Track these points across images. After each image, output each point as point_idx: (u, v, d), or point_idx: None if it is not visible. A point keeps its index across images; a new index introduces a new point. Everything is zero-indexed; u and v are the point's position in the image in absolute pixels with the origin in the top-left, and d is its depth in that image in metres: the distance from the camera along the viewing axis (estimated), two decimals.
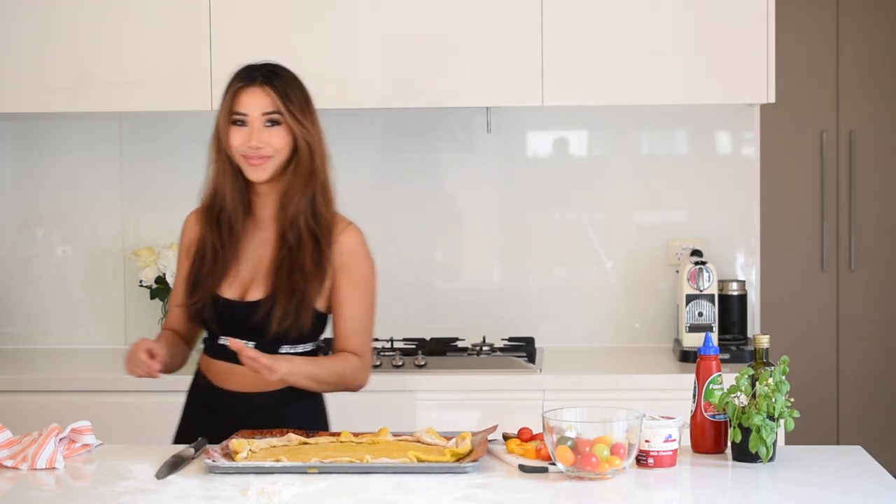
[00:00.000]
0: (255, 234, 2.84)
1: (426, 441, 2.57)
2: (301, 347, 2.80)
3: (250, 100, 2.77)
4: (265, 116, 2.76)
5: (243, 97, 2.77)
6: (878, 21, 5.40)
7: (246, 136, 2.76)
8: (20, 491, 2.37)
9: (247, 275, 2.81)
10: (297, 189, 2.78)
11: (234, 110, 2.78)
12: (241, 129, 2.77)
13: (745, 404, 2.46)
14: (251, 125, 2.76)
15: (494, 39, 3.75)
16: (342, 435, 2.61)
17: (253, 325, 2.75)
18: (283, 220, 2.79)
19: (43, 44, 3.81)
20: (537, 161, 4.14)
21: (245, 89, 2.78)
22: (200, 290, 2.80)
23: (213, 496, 2.28)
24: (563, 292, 4.12)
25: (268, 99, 2.77)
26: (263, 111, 2.76)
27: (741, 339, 3.90)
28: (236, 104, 2.78)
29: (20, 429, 2.69)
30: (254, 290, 2.79)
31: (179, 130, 4.15)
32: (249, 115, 2.76)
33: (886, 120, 5.41)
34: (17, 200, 4.21)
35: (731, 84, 3.73)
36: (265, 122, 2.76)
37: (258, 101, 2.77)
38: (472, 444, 2.51)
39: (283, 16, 3.77)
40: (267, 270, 2.79)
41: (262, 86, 2.77)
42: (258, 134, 2.75)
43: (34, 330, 4.20)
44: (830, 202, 5.43)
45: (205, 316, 2.80)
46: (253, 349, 2.66)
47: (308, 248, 2.76)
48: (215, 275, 2.80)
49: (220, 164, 2.82)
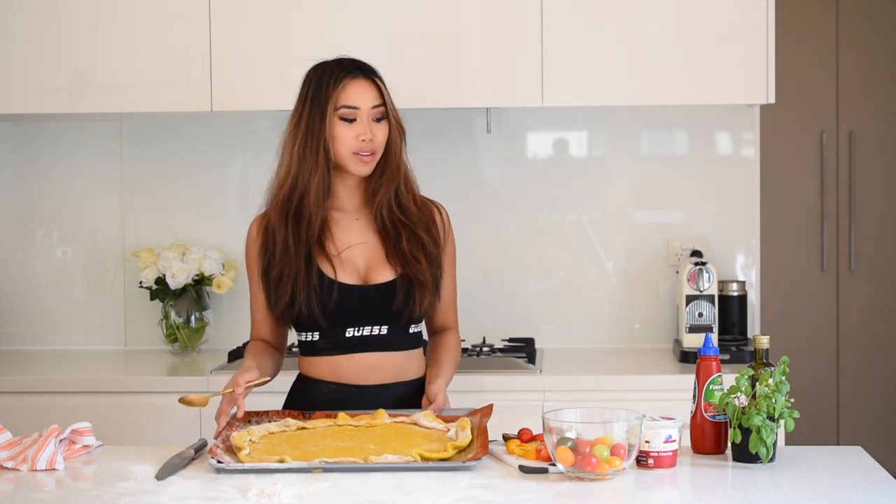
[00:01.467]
0: (350, 223, 2.79)
1: (423, 424, 2.57)
2: (421, 326, 2.84)
3: (361, 92, 2.72)
4: (374, 110, 2.73)
5: (352, 90, 2.72)
6: (878, 21, 5.40)
7: (359, 131, 2.71)
8: (20, 492, 2.37)
9: (359, 261, 2.77)
10: (387, 182, 2.76)
11: (343, 103, 2.71)
12: (350, 124, 2.72)
13: (746, 405, 2.46)
14: (361, 119, 2.72)
15: (494, 39, 3.75)
16: (339, 418, 2.61)
17: (391, 307, 2.72)
18: (372, 209, 2.77)
19: (43, 44, 3.81)
20: (537, 161, 4.14)
21: (353, 82, 2.73)
22: (302, 280, 2.71)
23: (213, 497, 2.28)
24: (563, 293, 4.12)
25: (375, 92, 2.74)
26: (373, 104, 2.73)
27: (741, 340, 3.90)
28: (346, 97, 2.71)
29: (20, 430, 2.69)
30: (378, 273, 2.75)
31: (179, 131, 4.15)
32: (361, 108, 2.72)
33: (886, 120, 5.41)
34: (17, 201, 4.21)
35: (732, 84, 3.73)
36: (374, 116, 2.73)
37: (368, 94, 2.73)
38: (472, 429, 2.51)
39: (282, 16, 3.77)
40: (385, 254, 2.75)
41: (367, 78, 2.74)
42: (371, 128, 2.72)
43: (34, 331, 4.20)
44: (830, 202, 5.43)
45: (325, 305, 2.71)
46: (430, 411, 2.63)
47: (412, 236, 2.75)
48: (313, 260, 2.73)
49: (312, 160, 2.72)
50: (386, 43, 3.78)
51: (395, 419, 2.61)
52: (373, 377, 2.77)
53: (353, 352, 2.76)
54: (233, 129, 4.14)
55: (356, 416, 2.61)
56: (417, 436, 2.52)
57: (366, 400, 2.76)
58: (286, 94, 3.77)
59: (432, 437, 2.51)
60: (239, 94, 3.78)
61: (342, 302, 2.72)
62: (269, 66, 3.77)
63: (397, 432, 2.54)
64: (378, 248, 2.78)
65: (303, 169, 2.73)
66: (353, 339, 2.74)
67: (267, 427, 2.57)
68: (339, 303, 2.72)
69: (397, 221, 2.77)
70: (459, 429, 2.52)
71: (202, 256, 3.99)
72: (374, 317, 2.74)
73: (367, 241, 2.78)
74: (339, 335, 2.75)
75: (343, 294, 2.72)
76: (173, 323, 4.02)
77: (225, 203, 4.17)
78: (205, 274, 4.00)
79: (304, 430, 2.58)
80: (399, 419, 2.61)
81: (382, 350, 2.76)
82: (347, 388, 2.78)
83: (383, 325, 2.74)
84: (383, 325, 2.74)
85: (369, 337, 2.74)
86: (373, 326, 2.74)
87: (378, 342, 2.75)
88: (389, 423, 2.59)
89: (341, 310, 2.73)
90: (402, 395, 2.80)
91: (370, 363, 2.76)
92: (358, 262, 2.77)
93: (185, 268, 3.96)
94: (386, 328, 2.74)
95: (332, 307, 2.72)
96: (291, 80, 3.78)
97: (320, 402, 2.78)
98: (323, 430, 2.57)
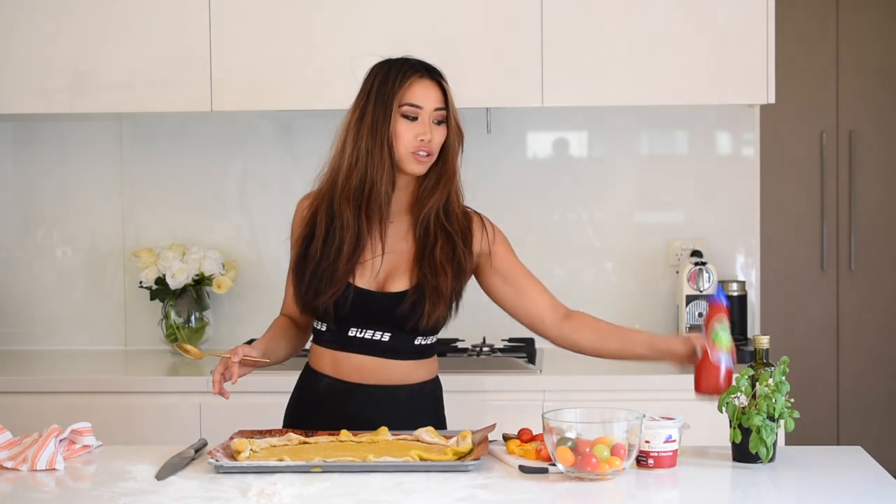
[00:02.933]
0: (390, 225, 2.78)
1: (426, 440, 2.57)
2: (432, 339, 2.79)
3: (425, 93, 2.72)
4: (436, 112, 2.73)
5: (417, 89, 2.72)
6: (878, 21, 5.40)
7: (419, 130, 2.71)
8: (20, 492, 2.37)
9: (385, 266, 2.75)
10: (438, 186, 2.75)
11: (407, 101, 2.71)
12: (411, 123, 2.71)
13: (746, 405, 2.46)
14: (422, 119, 2.72)
15: (494, 39, 3.75)
16: (341, 434, 2.61)
17: (395, 316, 2.71)
18: (418, 215, 2.76)
19: (43, 44, 3.81)
20: (537, 161, 4.14)
21: (420, 81, 2.73)
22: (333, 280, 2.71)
23: (213, 497, 2.28)
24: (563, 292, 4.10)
25: (440, 94, 2.74)
26: (436, 106, 2.73)
27: (741, 340, 3.90)
28: (410, 95, 2.72)
29: (20, 430, 2.69)
30: (395, 282, 2.73)
31: (179, 131, 4.15)
32: (424, 108, 2.72)
33: (886, 120, 5.41)
34: (17, 201, 4.21)
35: (731, 85, 3.73)
36: (436, 118, 2.73)
37: (432, 95, 2.73)
38: (473, 443, 2.51)
39: (282, 16, 3.77)
40: (411, 263, 2.74)
41: (433, 79, 2.75)
42: (430, 129, 2.72)
43: (34, 331, 4.20)
44: (830, 202, 5.43)
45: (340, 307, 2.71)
46: None
47: (447, 243, 2.74)
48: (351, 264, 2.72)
49: (378, 154, 2.71)
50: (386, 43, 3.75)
51: (397, 437, 2.60)
52: (370, 378, 2.77)
53: (352, 351, 2.75)
54: (233, 129, 4.14)
55: (358, 434, 2.61)
56: (419, 449, 2.51)
57: (361, 398, 2.76)
58: (286, 94, 3.80)
59: (433, 450, 2.50)
60: (239, 94, 3.78)
61: (352, 303, 2.72)
62: (269, 66, 3.77)
63: (398, 446, 2.54)
64: (406, 255, 2.76)
65: (370, 163, 2.72)
66: (354, 340, 2.74)
67: (269, 441, 2.57)
68: (349, 304, 2.72)
69: (440, 228, 2.76)
70: (460, 438, 2.52)
71: (202, 256, 3.99)
72: (378, 322, 2.73)
73: (398, 249, 2.76)
74: (342, 332, 2.75)
75: (356, 297, 2.72)
76: (173, 323, 4.02)
77: (225, 203, 4.17)
78: (205, 274, 3.99)
79: (306, 444, 2.58)
80: (402, 437, 2.60)
81: (382, 356, 2.75)
82: (344, 384, 2.77)
83: (385, 332, 2.73)
84: (385, 332, 2.73)
85: (370, 340, 2.74)
86: (375, 331, 2.73)
87: (378, 347, 2.74)
88: (392, 440, 2.58)
89: (348, 310, 2.73)
90: (401, 398, 2.78)
91: (367, 365, 2.75)
92: (383, 267, 2.76)
93: (185, 268, 3.96)
94: (388, 335, 2.73)
95: (345, 310, 2.72)
96: (291, 81, 3.81)
97: (318, 395, 2.79)
98: (325, 444, 2.57)
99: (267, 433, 2.62)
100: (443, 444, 2.53)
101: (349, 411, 2.75)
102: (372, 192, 2.72)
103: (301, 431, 2.64)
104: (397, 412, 2.75)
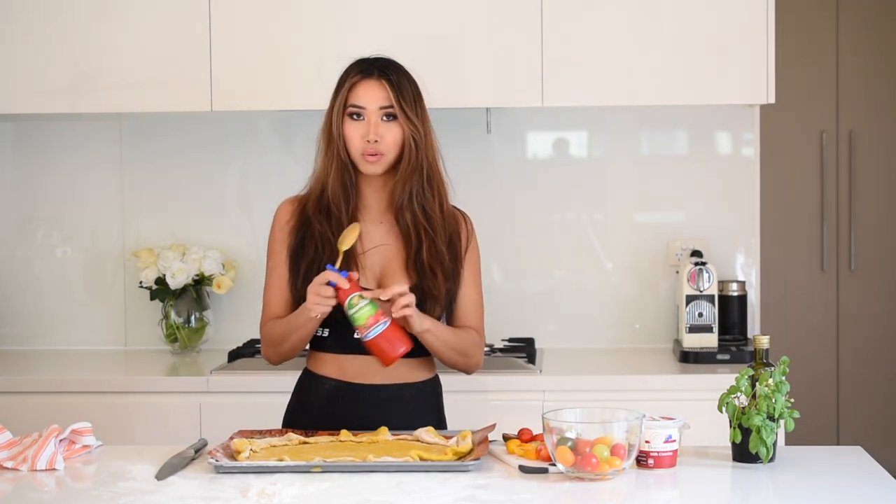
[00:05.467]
0: (376, 225, 2.81)
1: (426, 440, 2.57)
2: None
3: (368, 93, 2.74)
4: (382, 111, 2.74)
5: (360, 90, 2.74)
6: (877, 21, 5.40)
7: (364, 131, 2.73)
8: (20, 492, 2.37)
9: (376, 265, 2.77)
10: (401, 184, 2.77)
11: (350, 103, 2.74)
12: (357, 123, 2.74)
13: (746, 405, 2.46)
14: (368, 119, 2.73)
15: (494, 39, 3.75)
16: (341, 434, 2.61)
17: None
18: (395, 214, 2.78)
19: (43, 44, 3.81)
20: (537, 161, 4.14)
21: (362, 82, 2.75)
22: None
23: (213, 497, 2.28)
24: (563, 292, 4.12)
25: (384, 93, 2.74)
26: (381, 105, 2.74)
27: (741, 340, 3.90)
28: (353, 96, 2.74)
29: (20, 430, 2.69)
30: (392, 281, 2.73)
31: (179, 131, 4.15)
32: (367, 108, 2.73)
33: (886, 120, 5.41)
34: (17, 202, 4.21)
35: (731, 84, 3.73)
36: (382, 116, 2.74)
37: (376, 94, 2.74)
38: (473, 443, 2.51)
39: (282, 16, 3.77)
40: (403, 262, 2.76)
41: (378, 79, 2.75)
42: (375, 128, 2.73)
43: (34, 331, 4.20)
44: (830, 202, 5.43)
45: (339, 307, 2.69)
46: (410, 295, 2.63)
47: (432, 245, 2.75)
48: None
49: (329, 157, 2.77)
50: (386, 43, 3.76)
51: (397, 437, 2.60)
52: (376, 377, 2.77)
53: (358, 352, 2.76)
54: (233, 129, 4.14)
55: (358, 435, 2.62)
56: (419, 449, 2.51)
57: (367, 398, 2.76)
58: (286, 94, 3.80)
59: (433, 450, 2.50)
60: (239, 94, 3.78)
61: None
62: (269, 66, 3.77)
63: (398, 446, 2.54)
64: (398, 253, 2.78)
65: (324, 166, 2.78)
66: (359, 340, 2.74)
67: (269, 441, 2.57)
68: None
69: (421, 228, 2.77)
70: (460, 438, 2.52)
71: (202, 256, 3.99)
72: None
73: (389, 243, 2.79)
74: (346, 334, 2.75)
75: None
76: (173, 323, 4.02)
77: (225, 203, 4.17)
78: (205, 274, 3.99)
79: (306, 445, 2.58)
80: (402, 437, 2.61)
81: None
82: (349, 386, 2.78)
83: None
84: None
85: None
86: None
87: None
88: (392, 440, 2.59)
89: None
90: (406, 397, 2.79)
91: (374, 364, 2.75)
92: (376, 266, 2.78)
93: (185, 268, 3.96)
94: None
95: None
96: (291, 81, 3.81)
97: (322, 398, 2.80)
98: (325, 444, 2.57)
99: (267, 433, 2.63)
100: (443, 444, 2.54)
101: (356, 412, 2.76)
102: (329, 196, 2.77)
103: (301, 431, 2.64)
104: (403, 411, 2.76)
